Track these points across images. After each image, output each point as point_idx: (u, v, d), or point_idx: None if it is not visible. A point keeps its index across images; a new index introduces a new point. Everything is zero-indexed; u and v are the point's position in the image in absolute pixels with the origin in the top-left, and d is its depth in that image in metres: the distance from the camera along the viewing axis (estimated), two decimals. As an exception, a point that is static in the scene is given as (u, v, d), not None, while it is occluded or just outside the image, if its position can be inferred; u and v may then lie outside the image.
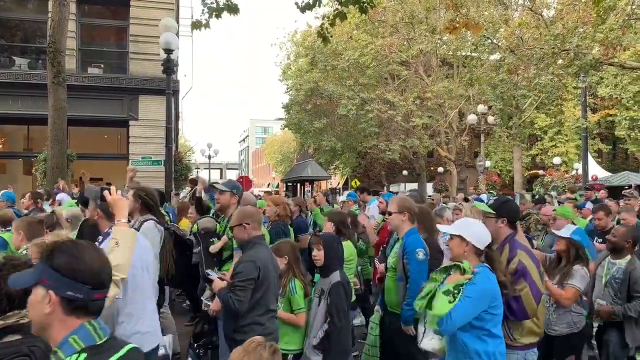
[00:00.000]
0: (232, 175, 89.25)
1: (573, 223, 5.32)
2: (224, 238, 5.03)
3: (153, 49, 14.42)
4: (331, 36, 8.55)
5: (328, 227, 5.10)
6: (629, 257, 4.42)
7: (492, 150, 35.46)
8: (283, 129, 39.51)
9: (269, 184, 67.23)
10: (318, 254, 3.89)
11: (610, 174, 27.16)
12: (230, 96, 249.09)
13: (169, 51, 10.37)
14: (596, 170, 25.89)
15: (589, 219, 7.22)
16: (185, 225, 7.25)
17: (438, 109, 25.06)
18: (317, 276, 4.16)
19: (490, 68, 21.95)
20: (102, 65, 16.35)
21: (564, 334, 4.13)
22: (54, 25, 10.70)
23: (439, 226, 4.09)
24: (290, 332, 3.94)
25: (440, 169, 36.59)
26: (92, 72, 16.00)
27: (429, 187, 34.43)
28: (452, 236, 3.18)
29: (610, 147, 38.39)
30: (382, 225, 6.10)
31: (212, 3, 6.81)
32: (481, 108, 22.19)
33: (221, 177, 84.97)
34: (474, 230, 3.16)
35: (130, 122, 15.55)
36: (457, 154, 25.46)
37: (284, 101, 35.40)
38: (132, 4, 15.63)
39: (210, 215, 6.05)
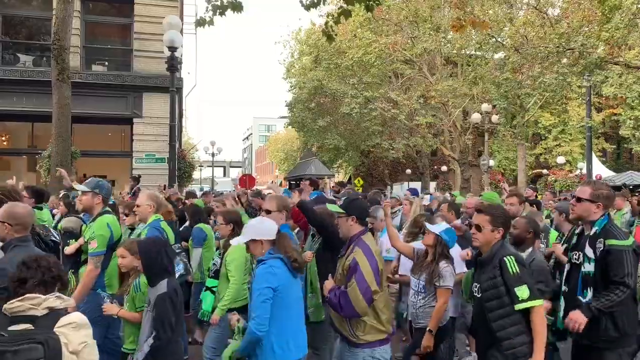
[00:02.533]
0: (235, 173, 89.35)
1: None
2: (81, 240, 4.82)
3: (157, 46, 14.43)
4: (335, 34, 8.53)
5: (223, 229, 4.94)
6: (530, 249, 4.37)
7: (496, 149, 35.39)
8: (286, 127, 39.56)
9: (272, 182, 67.26)
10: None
11: (614, 173, 27.11)
12: (234, 94, 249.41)
13: (173, 49, 10.38)
14: (600, 170, 25.83)
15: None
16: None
17: (442, 107, 25.01)
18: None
19: (494, 67, 21.89)
20: (106, 63, 16.38)
21: (427, 326, 4.17)
22: (58, 22, 10.72)
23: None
24: (136, 331, 3.69)
25: (444, 168, 36.54)
26: (96, 69, 16.04)
27: (433, 186, 34.39)
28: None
29: (615, 146, 38.25)
30: None
31: (216, 0, 6.80)
32: (485, 107, 22.13)
33: (224, 175, 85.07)
34: (260, 228, 3.34)
35: (134, 120, 15.57)
36: (460, 153, 25.37)
37: (287, 99, 35.39)
38: (136, 2, 15.64)
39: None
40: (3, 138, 15.89)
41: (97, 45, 16.41)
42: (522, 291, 3.14)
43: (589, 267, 3.56)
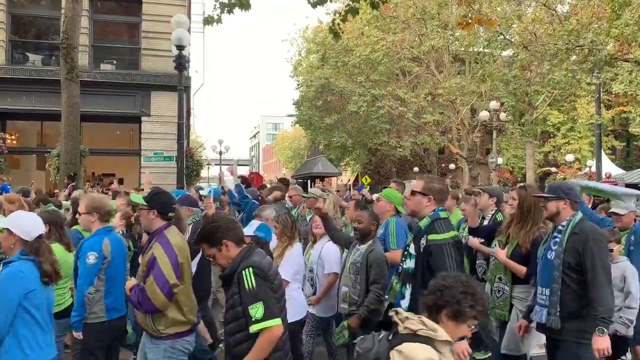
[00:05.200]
0: (243, 171, 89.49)
1: (397, 209, 5.08)
2: None
3: (165, 45, 14.48)
4: (342, 32, 8.51)
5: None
6: (371, 241, 4.40)
7: (504, 147, 35.19)
8: (294, 125, 39.52)
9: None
10: None
11: (624, 171, 26.86)
12: (242, 92, 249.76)
13: (181, 47, 10.40)
14: (610, 168, 25.63)
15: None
16: None
17: (450, 105, 24.91)
18: None
19: (502, 64, 21.76)
20: (115, 62, 16.46)
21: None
22: (67, 21, 10.79)
23: None
24: None
25: (452, 166, 36.41)
26: (105, 68, 16.12)
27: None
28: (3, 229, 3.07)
29: (625, 144, 37.90)
30: None
31: (224, -1, 6.81)
32: (493, 104, 22.01)
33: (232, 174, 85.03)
34: (22, 221, 3.09)
35: (143, 118, 15.65)
36: (468, 151, 25.26)
37: (294, 97, 35.41)
38: (144, 0, 15.72)
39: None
40: (13, 137, 16.00)
41: (105, 44, 16.50)
42: (257, 310, 2.69)
43: (409, 264, 3.53)
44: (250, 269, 2.76)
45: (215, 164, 40.68)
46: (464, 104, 24.30)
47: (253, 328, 2.69)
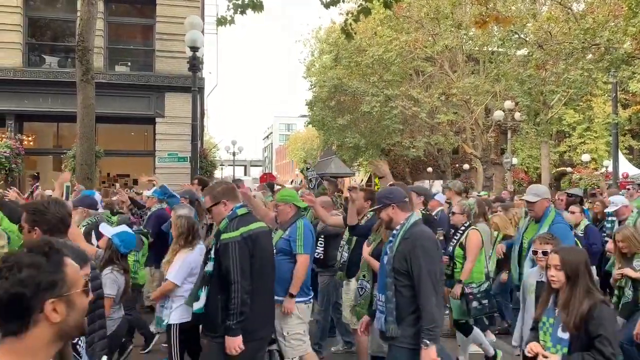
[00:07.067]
0: (256, 172, 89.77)
1: (298, 206, 4.85)
2: None
3: (179, 46, 14.56)
4: (355, 33, 8.50)
5: None
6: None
7: (519, 147, 34.87)
8: (307, 126, 39.52)
9: (292, 181, 67.45)
10: None
11: (641, 171, 26.48)
12: (255, 93, 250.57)
13: (194, 49, 10.46)
14: (627, 168, 25.29)
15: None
16: None
17: (464, 105, 24.73)
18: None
19: (517, 63, 21.56)
20: (129, 63, 16.60)
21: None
22: (82, 24, 10.87)
23: None
24: None
25: (466, 166, 36.16)
26: (120, 69, 16.26)
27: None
28: None
29: (642, 143, 37.37)
30: None
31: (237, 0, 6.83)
32: (508, 104, 21.82)
33: (245, 174, 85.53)
34: None
35: (157, 119, 15.75)
36: (483, 151, 25.05)
37: (307, 98, 35.42)
38: (159, 2, 15.81)
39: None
40: (30, 138, 16.21)
41: (120, 46, 16.64)
42: None
43: (209, 267, 3.49)
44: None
45: (229, 165, 40.87)
46: (478, 104, 24.11)
47: None
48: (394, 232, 3.60)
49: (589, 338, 2.93)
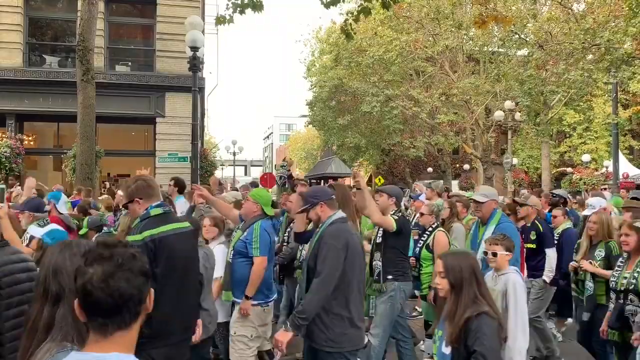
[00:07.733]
0: (256, 172, 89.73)
1: (264, 212, 4.83)
2: None
3: (179, 46, 14.58)
4: (355, 33, 8.51)
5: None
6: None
7: (519, 147, 34.88)
8: (307, 125, 39.50)
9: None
10: None
11: (642, 171, 26.48)
12: (255, 93, 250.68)
13: (195, 49, 10.46)
14: (627, 168, 25.30)
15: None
16: None
17: (464, 105, 24.72)
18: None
19: (517, 64, 21.56)
20: (130, 63, 16.62)
21: None
22: (83, 24, 10.89)
23: None
24: None
25: (466, 167, 36.16)
26: (120, 69, 16.27)
27: (455, 185, 34.09)
28: None
29: (642, 144, 37.36)
30: None
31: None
32: (508, 104, 21.81)
33: (245, 174, 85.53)
34: None
35: (157, 119, 15.76)
36: (483, 151, 25.04)
37: (308, 98, 35.40)
38: (159, 2, 15.83)
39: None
40: (30, 138, 16.22)
41: (120, 46, 16.66)
42: None
43: None
44: None
45: (229, 165, 40.86)
46: (479, 104, 24.11)
47: None
48: (316, 230, 3.60)
49: (467, 353, 2.63)
